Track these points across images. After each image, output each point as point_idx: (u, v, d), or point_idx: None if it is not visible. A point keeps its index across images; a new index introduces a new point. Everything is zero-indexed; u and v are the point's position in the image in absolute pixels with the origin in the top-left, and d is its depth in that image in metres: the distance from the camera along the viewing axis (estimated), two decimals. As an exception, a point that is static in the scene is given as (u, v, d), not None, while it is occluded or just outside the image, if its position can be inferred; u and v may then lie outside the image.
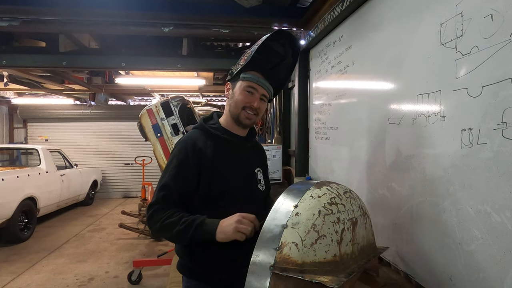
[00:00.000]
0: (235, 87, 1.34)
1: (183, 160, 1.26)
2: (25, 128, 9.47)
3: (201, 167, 1.26)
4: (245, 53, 1.34)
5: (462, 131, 1.21)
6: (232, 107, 1.34)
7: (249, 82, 1.31)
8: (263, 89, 1.33)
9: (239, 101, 1.31)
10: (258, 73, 1.32)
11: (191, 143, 1.29)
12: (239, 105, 1.31)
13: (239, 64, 1.31)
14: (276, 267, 0.81)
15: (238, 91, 1.32)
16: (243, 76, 1.31)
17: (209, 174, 1.26)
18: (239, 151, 1.38)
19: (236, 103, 1.32)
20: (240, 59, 1.35)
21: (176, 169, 1.25)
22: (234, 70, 1.34)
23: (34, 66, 4.36)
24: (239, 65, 1.31)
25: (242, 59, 1.32)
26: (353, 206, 0.95)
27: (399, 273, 1.64)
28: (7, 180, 5.01)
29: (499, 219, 1.05)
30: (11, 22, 3.07)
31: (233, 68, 1.35)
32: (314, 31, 2.85)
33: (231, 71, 1.35)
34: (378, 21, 1.87)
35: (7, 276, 3.99)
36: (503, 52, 1.04)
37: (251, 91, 1.31)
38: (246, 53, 1.32)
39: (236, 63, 1.36)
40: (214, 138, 1.33)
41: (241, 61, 1.31)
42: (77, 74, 6.34)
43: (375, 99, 1.90)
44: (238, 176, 1.34)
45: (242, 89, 1.31)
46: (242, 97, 1.31)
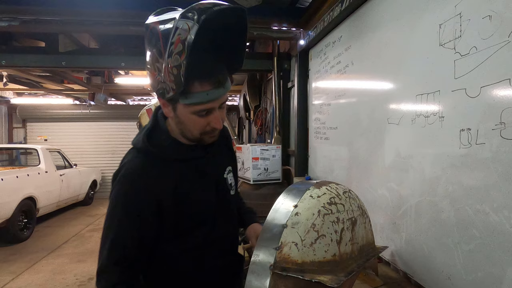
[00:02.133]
0: (178, 110, 0.95)
1: (134, 207, 0.94)
2: (24, 128, 9.47)
3: (161, 208, 0.96)
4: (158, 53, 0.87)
5: (460, 131, 1.21)
6: (187, 133, 0.99)
7: (200, 106, 0.92)
8: (220, 98, 0.94)
9: (193, 130, 0.97)
10: (202, 82, 0.89)
11: (139, 181, 0.95)
12: (195, 132, 0.98)
13: (167, 84, 0.87)
14: (276, 267, 0.82)
15: (186, 118, 0.95)
16: (185, 102, 0.91)
17: (173, 213, 0.97)
18: (202, 166, 1.05)
19: (191, 131, 0.98)
20: (156, 63, 0.88)
21: (126, 219, 0.94)
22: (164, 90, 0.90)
23: (34, 66, 4.36)
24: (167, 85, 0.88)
25: (166, 75, 0.86)
26: (353, 206, 0.96)
27: (398, 272, 1.65)
28: (6, 180, 5.01)
29: (497, 219, 1.06)
30: (10, 22, 3.08)
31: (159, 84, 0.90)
32: (314, 31, 2.86)
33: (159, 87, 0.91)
34: (377, 21, 1.88)
35: (7, 276, 3.99)
36: (501, 53, 1.05)
37: (204, 114, 0.95)
38: (165, 63, 0.85)
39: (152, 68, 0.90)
40: (169, 163, 0.99)
41: (167, 80, 0.87)
42: (76, 74, 6.34)
43: (374, 99, 1.91)
44: (209, 197, 1.05)
45: (191, 115, 0.94)
46: (196, 124, 0.96)
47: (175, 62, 0.83)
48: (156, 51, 0.87)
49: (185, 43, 0.81)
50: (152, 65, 0.90)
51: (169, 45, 0.83)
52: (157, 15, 0.91)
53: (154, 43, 0.88)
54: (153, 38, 0.88)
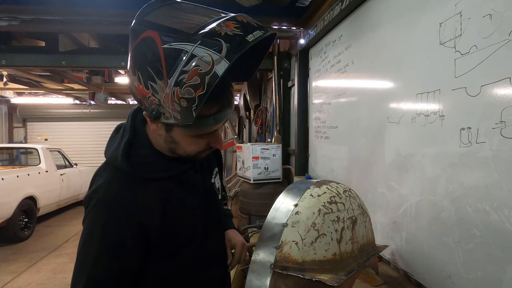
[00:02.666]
0: (174, 132, 0.81)
1: (114, 238, 0.81)
2: (24, 127, 9.48)
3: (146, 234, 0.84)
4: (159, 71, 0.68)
5: (461, 130, 1.21)
6: (179, 152, 0.86)
7: (202, 131, 0.81)
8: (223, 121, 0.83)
9: (189, 150, 0.85)
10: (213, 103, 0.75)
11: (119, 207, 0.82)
12: (192, 153, 0.87)
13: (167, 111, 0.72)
14: (276, 266, 0.82)
15: (182, 139, 0.83)
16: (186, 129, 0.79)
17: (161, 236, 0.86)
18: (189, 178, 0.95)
19: (185, 151, 0.86)
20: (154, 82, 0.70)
21: (107, 255, 0.81)
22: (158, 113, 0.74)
23: (34, 66, 4.37)
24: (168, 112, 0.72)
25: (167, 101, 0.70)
26: (353, 205, 0.96)
27: (399, 271, 1.65)
28: (7, 180, 5.02)
29: (497, 218, 1.06)
30: (10, 21, 3.08)
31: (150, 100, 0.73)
32: (314, 30, 2.86)
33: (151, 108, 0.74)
34: (377, 20, 1.88)
35: (7, 276, 3.99)
36: (501, 52, 1.05)
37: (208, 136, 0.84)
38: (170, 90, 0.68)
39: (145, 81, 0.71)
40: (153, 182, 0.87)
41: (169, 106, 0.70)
42: (76, 74, 6.35)
43: (374, 98, 1.91)
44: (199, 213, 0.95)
45: (192, 138, 0.83)
46: (193, 145, 0.85)
47: (187, 95, 0.67)
48: (153, 70, 0.69)
49: (205, 78, 0.65)
50: (143, 80, 0.71)
51: (179, 72, 0.66)
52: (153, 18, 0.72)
53: (149, 59, 0.69)
54: (148, 52, 0.70)
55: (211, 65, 0.65)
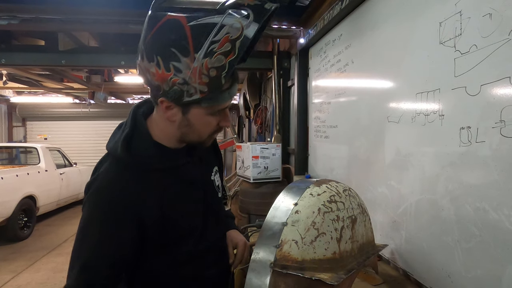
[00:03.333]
0: (190, 113, 0.85)
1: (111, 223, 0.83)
2: (24, 126, 9.47)
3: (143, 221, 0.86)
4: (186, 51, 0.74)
5: (460, 129, 1.21)
6: (192, 137, 0.91)
7: (220, 106, 0.87)
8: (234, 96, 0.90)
9: (206, 131, 0.90)
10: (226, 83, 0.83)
11: (117, 194, 0.84)
12: (205, 135, 0.91)
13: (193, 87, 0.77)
14: (276, 265, 0.82)
15: (200, 119, 0.87)
16: (207, 104, 0.83)
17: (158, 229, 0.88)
18: (189, 172, 0.96)
19: (201, 134, 0.90)
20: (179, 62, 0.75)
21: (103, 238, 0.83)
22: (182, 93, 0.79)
23: (33, 65, 4.36)
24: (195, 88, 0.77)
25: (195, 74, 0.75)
26: (353, 204, 0.96)
27: (398, 270, 1.65)
28: (6, 179, 5.01)
29: (497, 217, 1.06)
30: (10, 20, 3.07)
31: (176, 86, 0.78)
32: (314, 29, 2.86)
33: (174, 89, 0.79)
34: (377, 19, 1.88)
35: (7, 275, 3.99)
36: (501, 51, 1.05)
37: (219, 112, 0.89)
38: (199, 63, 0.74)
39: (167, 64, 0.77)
40: (152, 173, 0.89)
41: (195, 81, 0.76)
42: (76, 73, 6.34)
43: (374, 98, 1.91)
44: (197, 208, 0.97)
45: (206, 116, 0.87)
46: (208, 125, 0.89)
47: (217, 63, 0.73)
48: (178, 49, 0.74)
49: (236, 43, 0.72)
50: (165, 60, 0.76)
51: (208, 43, 0.72)
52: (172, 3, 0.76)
53: (173, 40, 0.74)
54: (171, 33, 0.75)
55: (241, 30, 0.72)
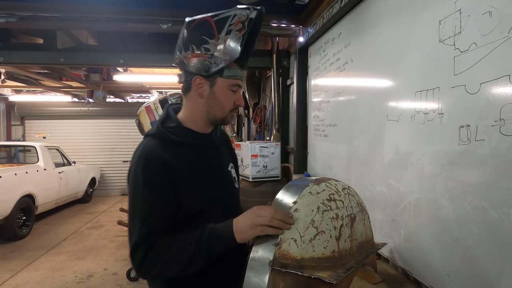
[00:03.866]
0: (216, 85, 1.09)
1: (152, 181, 1.02)
2: (22, 125, 9.44)
3: (176, 185, 1.03)
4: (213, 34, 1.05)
5: (460, 127, 1.21)
6: (217, 111, 1.12)
7: (236, 81, 1.10)
8: (243, 78, 1.14)
9: (227, 104, 1.12)
10: (236, 64, 1.09)
11: (155, 157, 1.04)
12: (227, 108, 1.12)
13: (219, 58, 1.05)
14: (275, 263, 0.82)
15: (223, 92, 1.09)
16: (228, 74, 1.08)
17: (187, 190, 1.05)
18: (209, 153, 1.17)
19: (223, 107, 1.11)
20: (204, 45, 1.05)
21: (149, 193, 1.02)
22: (210, 64, 1.06)
23: (32, 63, 4.35)
24: (219, 58, 1.05)
25: (219, 48, 1.04)
26: (352, 203, 0.96)
27: (397, 269, 1.65)
28: (5, 178, 5.00)
29: (496, 215, 1.06)
30: (8, 18, 3.06)
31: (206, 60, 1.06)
32: (313, 28, 2.85)
33: (206, 64, 1.06)
34: (376, 18, 1.87)
35: (6, 274, 3.99)
36: (501, 49, 1.04)
37: (236, 90, 1.12)
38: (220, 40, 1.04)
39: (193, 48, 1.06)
40: (180, 146, 1.10)
41: (220, 53, 1.04)
42: (75, 71, 6.32)
43: (373, 96, 1.91)
44: (215, 184, 1.14)
45: (227, 89, 1.10)
46: (229, 99, 1.11)
47: (235, 37, 1.04)
48: (206, 35, 1.06)
49: (245, 23, 1.04)
50: (197, 45, 1.07)
51: (227, 26, 1.04)
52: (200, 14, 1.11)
53: (203, 30, 1.06)
54: (202, 26, 1.07)
55: (247, 15, 1.05)
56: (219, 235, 0.97)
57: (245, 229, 0.94)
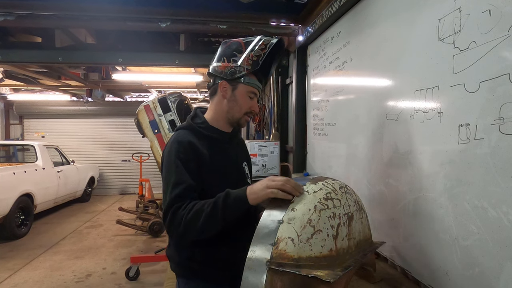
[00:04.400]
0: (237, 89, 1.33)
1: (183, 158, 1.23)
2: (21, 124, 9.43)
3: (200, 166, 1.24)
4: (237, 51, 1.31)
5: (459, 126, 1.21)
6: (235, 111, 1.34)
7: (253, 88, 1.33)
8: (259, 92, 1.38)
9: (244, 107, 1.34)
10: (257, 77, 1.35)
11: (186, 141, 1.26)
12: (244, 110, 1.34)
13: (242, 67, 1.29)
14: (272, 263, 0.81)
15: (242, 95, 1.33)
16: (248, 81, 1.32)
17: (208, 174, 1.25)
18: (228, 149, 1.39)
19: (241, 108, 1.34)
20: (233, 57, 1.31)
21: (180, 166, 1.21)
22: (235, 70, 1.30)
23: (30, 62, 4.33)
24: (243, 67, 1.29)
25: (244, 61, 1.29)
26: (349, 201, 0.95)
27: (396, 268, 1.65)
28: (3, 177, 4.99)
29: (495, 214, 1.05)
30: (6, 17, 3.04)
31: (232, 67, 1.30)
32: (312, 27, 2.84)
33: (232, 70, 1.31)
34: (376, 16, 1.87)
35: (4, 273, 3.98)
36: (500, 48, 1.04)
37: (253, 97, 1.35)
38: (246, 54, 1.30)
39: (224, 59, 1.32)
40: (205, 138, 1.33)
41: (244, 63, 1.29)
42: (73, 70, 6.30)
43: (372, 95, 1.90)
44: (231, 174, 1.35)
45: (246, 94, 1.33)
46: (247, 103, 1.34)
47: (258, 53, 1.30)
48: (236, 51, 1.32)
49: (267, 45, 1.31)
50: (228, 58, 1.32)
51: (254, 45, 1.31)
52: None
53: (234, 47, 1.33)
54: (233, 45, 1.34)
55: (270, 40, 1.33)
56: (233, 198, 1.11)
57: (258, 190, 1.06)
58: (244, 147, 1.58)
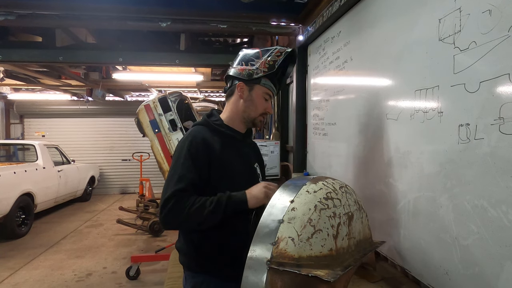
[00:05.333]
0: (254, 90, 1.40)
1: (194, 153, 1.29)
2: (21, 123, 9.43)
3: (211, 160, 1.30)
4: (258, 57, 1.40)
5: (459, 126, 1.21)
6: (251, 111, 1.41)
7: (269, 91, 1.41)
8: (273, 96, 1.47)
9: (260, 107, 1.41)
10: (272, 82, 1.43)
11: (200, 137, 1.33)
12: (259, 111, 1.41)
13: (260, 69, 1.38)
14: (272, 262, 0.81)
15: (259, 96, 1.40)
16: (264, 83, 1.39)
17: (218, 168, 1.31)
18: (241, 147, 1.44)
19: (257, 108, 1.41)
20: (251, 61, 1.40)
21: (189, 161, 1.28)
22: (253, 72, 1.38)
23: (31, 61, 4.34)
24: (260, 70, 1.38)
25: (262, 65, 1.38)
26: (349, 201, 0.95)
27: (396, 267, 1.65)
28: (4, 176, 5.00)
29: (495, 214, 1.06)
30: (7, 16, 3.05)
31: (250, 69, 1.39)
32: (313, 26, 2.84)
33: (249, 72, 1.39)
34: (376, 16, 1.87)
35: (5, 272, 3.99)
36: (501, 48, 1.04)
37: (268, 98, 1.42)
38: (263, 59, 1.39)
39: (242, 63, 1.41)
40: (219, 134, 1.39)
41: (262, 66, 1.38)
42: (74, 70, 6.31)
43: (373, 95, 1.90)
44: (243, 171, 1.40)
45: (261, 95, 1.40)
46: (261, 104, 1.41)
47: (274, 58, 1.39)
48: (254, 57, 1.41)
49: (283, 53, 1.41)
50: (246, 62, 1.42)
51: (270, 52, 1.40)
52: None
53: (252, 54, 1.42)
54: (252, 51, 1.44)
55: (285, 49, 1.43)
56: (234, 200, 1.23)
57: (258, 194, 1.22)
58: (257, 150, 1.63)
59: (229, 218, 1.26)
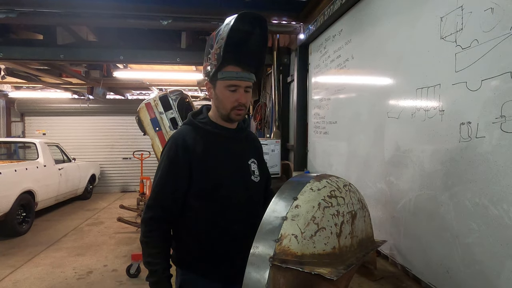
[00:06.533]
0: (216, 87, 1.29)
1: (173, 158, 1.27)
2: (22, 122, 9.43)
3: (192, 163, 1.27)
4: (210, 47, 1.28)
5: (461, 125, 1.21)
6: (221, 108, 1.31)
7: (229, 81, 1.26)
8: (245, 81, 1.28)
9: (227, 103, 1.28)
10: (234, 66, 1.26)
11: (180, 140, 1.29)
12: (228, 106, 1.29)
13: (211, 64, 1.27)
14: (275, 259, 0.82)
15: (221, 92, 1.28)
16: (221, 76, 1.26)
17: (200, 169, 1.27)
18: (231, 144, 1.37)
19: (224, 105, 1.29)
20: (208, 55, 1.28)
21: (168, 168, 1.27)
22: (210, 69, 1.28)
23: (32, 59, 4.33)
24: (212, 64, 1.27)
25: (212, 57, 1.26)
26: (353, 199, 0.96)
27: (397, 266, 1.66)
28: (5, 174, 5.00)
29: (496, 212, 1.06)
30: (8, 14, 3.04)
31: (207, 65, 1.30)
32: (314, 25, 2.84)
33: (207, 69, 1.30)
34: (378, 14, 1.87)
35: (6, 270, 3.99)
36: (503, 46, 1.04)
37: (234, 89, 1.27)
38: (213, 49, 1.26)
39: (206, 58, 1.31)
40: (204, 132, 1.33)
41: (212, 60, 1.26)
42: (75, 68, 6.30)
43: (374, 94, 1.90)
44: (230, 168, 1.34)
45: (224, 89, 1.27)
46: (227, 98, 1.28)
47: (219, 44, 1.23)
48: (209, 46, 1.29)
49: (226, 31, 1.21)
50: (206, 56, 1.31)
51: (218, 37, 1.24)
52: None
53: (209, 43, 1.30)
54: (209, 40, 1.31)
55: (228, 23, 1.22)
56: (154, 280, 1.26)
57: None
58: (256, 142, 1.53)
59: (218, 221, 1.28)
